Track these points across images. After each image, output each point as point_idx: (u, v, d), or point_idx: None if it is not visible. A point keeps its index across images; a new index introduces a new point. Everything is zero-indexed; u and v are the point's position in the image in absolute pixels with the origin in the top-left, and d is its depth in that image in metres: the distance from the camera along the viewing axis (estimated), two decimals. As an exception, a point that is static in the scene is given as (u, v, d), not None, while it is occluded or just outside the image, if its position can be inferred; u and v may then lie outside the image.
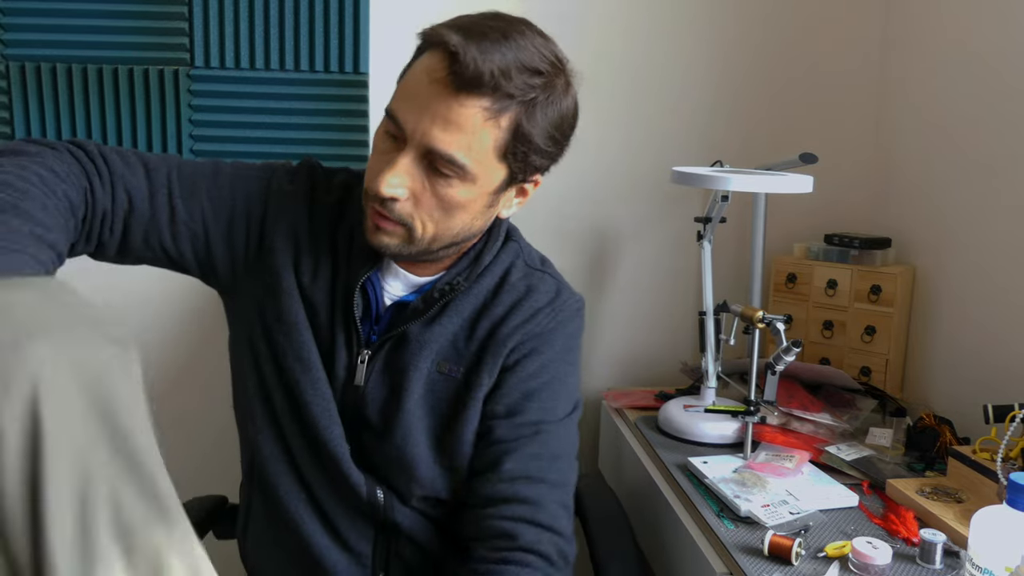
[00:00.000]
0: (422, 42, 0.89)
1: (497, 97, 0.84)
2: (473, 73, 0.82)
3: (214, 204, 0.95)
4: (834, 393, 1.48)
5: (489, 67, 0.82)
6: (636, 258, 1.71)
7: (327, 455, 0.96)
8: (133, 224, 0.90)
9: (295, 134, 1.53)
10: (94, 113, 1.48)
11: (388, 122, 0.88)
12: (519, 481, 0.93)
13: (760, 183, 1.27)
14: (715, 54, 1.66)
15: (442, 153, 0.85)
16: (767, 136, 1.69)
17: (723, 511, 1.11)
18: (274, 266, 0.96)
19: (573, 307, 1.03)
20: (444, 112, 0.84)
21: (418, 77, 0.86)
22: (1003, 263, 1.35)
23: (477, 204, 0.91)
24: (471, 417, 0.97)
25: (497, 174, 0.90)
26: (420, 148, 0.85)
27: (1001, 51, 1.36)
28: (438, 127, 0.84)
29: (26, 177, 0.77)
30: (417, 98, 0.85)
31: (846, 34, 1.69)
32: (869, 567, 0.95)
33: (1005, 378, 1.33)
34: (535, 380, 0.98)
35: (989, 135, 1.39)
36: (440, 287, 0.97)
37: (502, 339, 0.97)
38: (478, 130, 0.85)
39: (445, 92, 0.83)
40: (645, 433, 1.40)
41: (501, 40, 0.84)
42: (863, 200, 1.74)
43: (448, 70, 0.83)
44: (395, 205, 0.87)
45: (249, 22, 1.49)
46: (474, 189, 0.89)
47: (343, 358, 0.96)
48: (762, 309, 1.25)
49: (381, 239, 0.90)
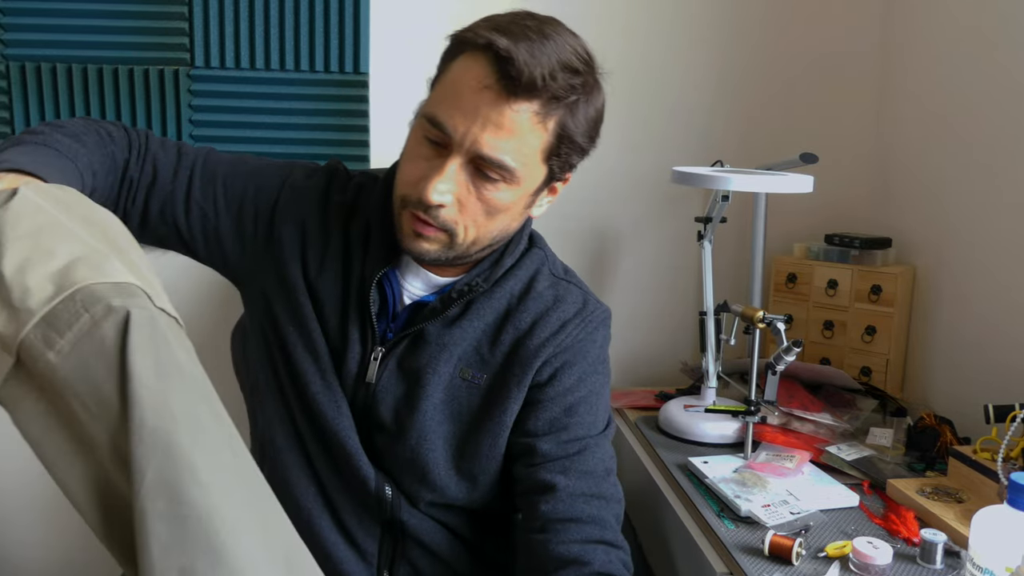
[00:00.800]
0: (456, 44, 0.89)
1: (545, 100, 0.84)
2: (527, 79, 0.82)
3: (227, 192, 0.97)
4: (834, 393, 1.48)
5: (540, 71, 0.82)
6: (636, 258, 1.71)
7: (337, 447, 0.95)
8: (153, 196, 0.94)
9: (295, 134, 1.53)
10: (94, 113, 1.48)
11: (429, 127, 0.86)
12: (579, 499, 0.93)
13: (760, 183, 1.27)
14: (715, 54, 1.66)
15: (493, 159, 0.85)
16: (767, 136, 1.69)
17: (723, 511, 1.11)
18: (281, 258, 0.97)
19: (600, 317, 1.02)
20: (496, 118, 0.83)
21: (464, 81, 0.85)
22: (1003, 263, 1.35)
23: (518, 206, 0.92)
24: (493, 428, 0.96)
25: (539, 175, 0.91)
26: (469, 154, 0.85)
27: (1002, 50, 1.36)
28: (489, 132, 0.84)
29: (89, 130, 0.88)
30: (464, 103, 0.84)
31: (846, 34, 1.69)
32: (870, 567, 0.95)
33: (1006, 378, 1.33)
34: (573, 395, 0.97)
35: (990, 135, 1.39)
36: (459, 287, 0.96)
37: (532, 351, 0.96)
38: (527, 133, 0.85)
39: (496, 97, 0.83)
40: (645, 433, 1.40)
41: (543, 41, 0.84)
42: (863, 200, 1.73)
43: (498, 75, 0.82)
44: (440, 211, 0.87)
45: (249, 22, 1.49)
46: (518, 191, 0.89)
47: (356, 353, 0.96)
48: (762, 309, 1.25)
49: (421, 246, 0.90)
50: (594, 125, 0.91)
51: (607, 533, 0.93)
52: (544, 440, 0.95)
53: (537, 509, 0.93)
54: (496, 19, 0.87)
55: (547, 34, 0.85)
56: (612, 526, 0.94)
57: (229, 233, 0.98)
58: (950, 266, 1.49)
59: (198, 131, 1.50)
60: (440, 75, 0.90)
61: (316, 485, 0.97)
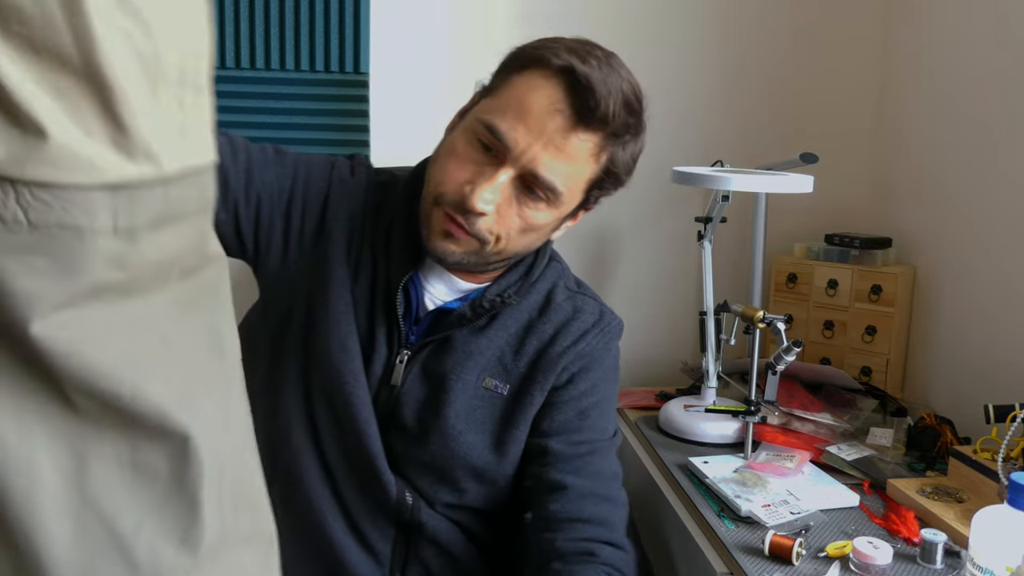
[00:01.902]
0: (524, 58, 0.88)
1: (607, 134, 0.87)
2: (602, 112, 0.84)
3: (279, 179, 0.96)
4: (835, 393, 1.47)
5: (612, 107, 0.84)
6: (636, 258, 1.71)
7: (360, 451, 0.95)
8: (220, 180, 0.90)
9: (295, 134, 1.53)
10: (94, 113, 1.48)
11: (486, 133, 0.86)
12: (588, 500, 0.94)
13: (760, 183, 1.27)
14: (715, 53, 1.66)
15: (546, 181, 0.86)
16: (767, 136, 1.69)
17: (724, 511, 1.11)
18: (329, 253, 0.96)
19: (616, 329, 1.05)
20: (560, 142, 0.84)
21: (534, 98, 0.85)
22: (1004, 263, 1.35)
23: (550, 227, 0.94)
24: (520, 436, 0.97)
25: (575, 202, 0.93)
26: (523, 169, 0.85)
27: (1003, 51, 1.36)
28: (550, 154, 0.85)
29: None
30: (530, 120, 0.84)
31: (846, 34, 1.69)
32: (870, 567, 0.95)
33: (1006, 378, 1.33)
34: (587, 399, 0.99)
35: (990, 135, 1.39)
36: (491, 298, 0.96)
37: (553, 359, 0.97)
38: (582, 163, 0.87)
39: (566, 123, 0.84)
40: (646, 433, 1.40)
41: (611, 74, 0.85)
42: (863, 200, 1.73)
43: (573, 101, 0.83)
44: (479, 220, 0.87)
45: (249, 22, 1.49)
46: (555, 214, 0.91)
47: (382, 355, 0.96)
48: (763, 309, 1.25)
49: (448, 247, 0.90)
50: (634, 163, 0.94)
51: (614, 535, 0.95)
52: (556, 440, 0.97)
53: (547, 508, 0.95)
54: (567, 42, 0.88)
55: (614, 67, 0.86)
56: (619, 529, 0.96)
57: (278, 221, 0.96)
58: (950, 266, 1.48)
59: (198, 131, 1.50)
60: (501, 85, 0.89)
61: (331, 487, 0.97)
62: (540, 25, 1.59)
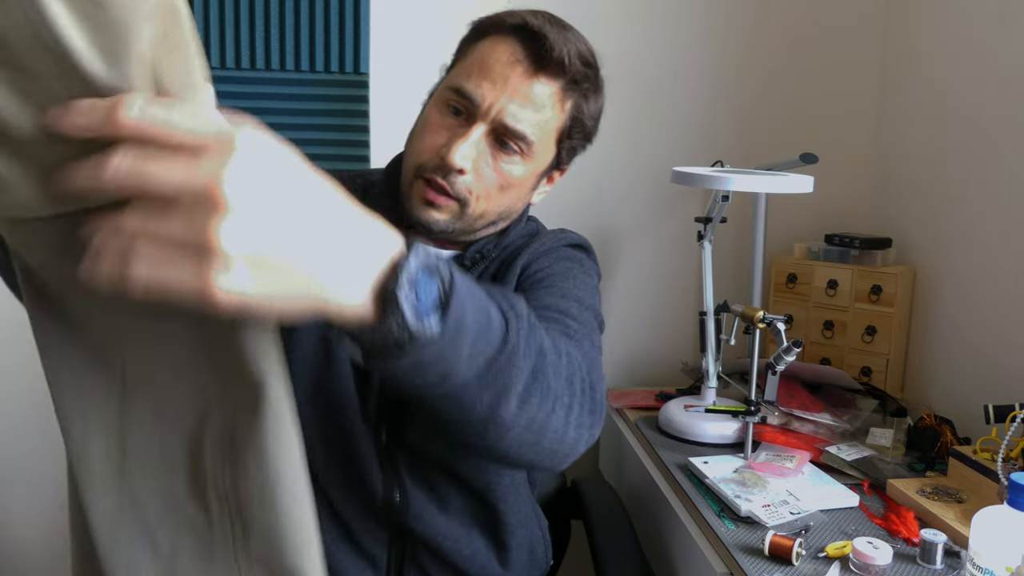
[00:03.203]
0: (480, 28, 0.94)
1: (567, 81, 0.90)
2: (557, 56, 0.88)
3: None
4: (835, 393, 1.48)
5: (567, 51, 0.89)
6: (636, 258, 1.71)
7: (348, 452, 0.94)
8: None
9: (295, 134, 1.53)
10: (94, 113, 1.48)
11: (454, 96, 0.90)
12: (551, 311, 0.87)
13: (760, 183, 1.27)
14: (715, 54, 1.66)
15: (515, 130, 0.89)
16: (767, 136, 1.69)
17: (724, 511, 1.11)
18: None
19: (574, 235, 1.06)
20: (524, 90, 0.88)
21: (493, 56, 0.90)
22: (1003, 263, 1.35)
23: (527, 184, 0.95)
24: None
25: (550, 155, 0.95)
26: (494, 123, 0.89)
27: (1003, 50, 1.36)
28: (516, 104, 0.88)
29: None
30: (494, 75, 0.89)
31: (846, 34, 1.69)
32: (870, 567, 0.95)
33: (1006, 378, 1.33)
34: (542, 272, 0.95)
35: (990, 135, 1.39)
36: (471, 256, 0.98)
37: (515, 268, 0.98)
38: (548, 110, 0.91)
39: (525, 71, 0.89)
40: (646, 433, 1.40)
41: (564, 31, 0.91)
42: (863, 200, 1.74)
43: (529, 51, 0.88)
44: (459, 178, 0.89)
45: (249, 22, 1.49)
46: (530, 168, 0.93)
47: None
48: (762, 309, 1.25)
49: (432, 215, 0.91)
50: (598, 118, 0.98)
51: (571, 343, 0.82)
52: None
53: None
54: (521, 12, 0.93)
55: (566, 27, 0.93)
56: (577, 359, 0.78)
57: None
58: (950, 266, 1.49)
59: (198, 131, 1.50)
60: (462, 56, 0.94)
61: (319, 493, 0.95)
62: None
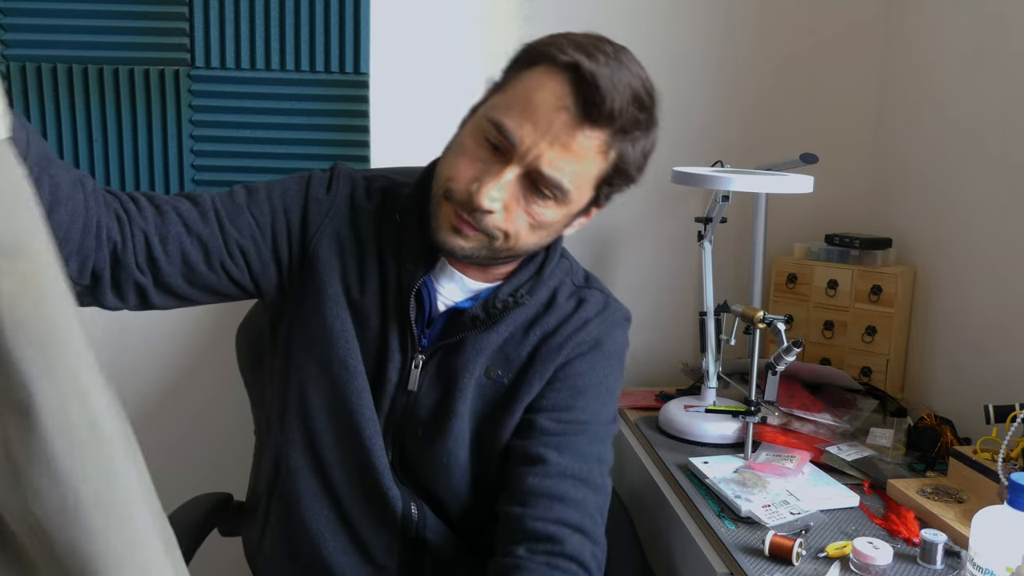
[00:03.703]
0: (531, 54, 0.88)
1: (614, 131, 0.85)
2: (607, 109, 0.82)
3: (257, 220, 0.94)
4: (835, 393, 1.47)
5: (619, 103, 0.83)
6: (636, 258, 1.71)
7: (366, 468, 0.94)
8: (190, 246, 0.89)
9: (295, 134, 1.53)
10: (94, 113, 1.48)
11: (493, 130, 0.85)
12: (567, 480, 0.92)
13: (760, 183, 1.27)
14: (715, 53, 1.66)
15: (551, 178, 0.85)
16: (767, 136, 1.69)
17: (724, 511, 1.11)
18: (319, 273, 0.95)
19: (620, 317, 1.04)
20: (565, 139, 0.83)
21: (540, 95, 0.84)
22: (1004, 263, 1.35)
23: (559, 224, 0.92)
24: (510, 422, 0.96)
25: (587, 199, 0.91)
26: (530, 168, 0.85)
27: (1003, 50, 1.36)
28: (556, 152, 0.84)
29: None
30: (537, 117, 0.83)
31: (847, 34, 1.69)
32: (870, 567, 0.95)
33: (1006, 378, 1.33)
34: (583, 379, 0.98)
35: (990, 135, 1.39)
36: (503, 299, 0.96)
37: (555, 348, 0.97)
38: (589, 160, 0.86)
39: (571, 120, 0.83)
40: (646, 433, 1.40)
41: (620, 69, 0.84)
42: (863, 200, 1.73)
43: (579, 98, 0.82)
44: (486, 217, 0.86)
45: (249, 22, 1.49)
46: (563, 211, 0.90)
47: (396, 362, 0.95)
48: (763, 309, 1.25)
49: (457, 241, 0.89)
50: (646, 159, 0.93)
51: (587, 522, 0.92)
52: (545, 416, 0.96)
53: (523, 481, 0.92)
54: (575, 38, 0.87)
55: (623, 62, 0.85)
56: (593, 517, 0.93)
57: (269, 260, 0.96)
58: (950, 266, 1.49)
59: (198, 131, 1.50)
60: (509, 81, 0.89)
61: (333, 507, 0.96)
62: (541, 25, 1.59)
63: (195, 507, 1.17)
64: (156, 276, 0.88)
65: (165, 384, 1.63)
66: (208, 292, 0.93)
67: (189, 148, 1.51)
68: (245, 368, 1.23)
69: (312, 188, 0.98)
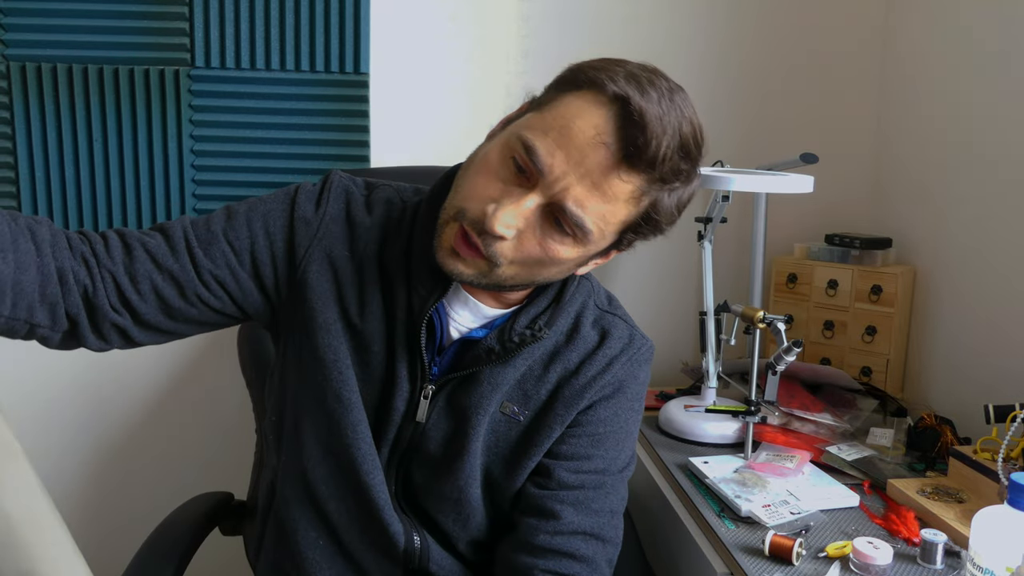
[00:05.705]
0: (578, 77, 0.79)
1: (653, 179, 0.78)
2: (650, 153, 0.75)
3: (234, 247, 0.88)
4: (835, 393, 1.48)
5: (664, 149, 0.76)
6: (636, 258, 1.70)
7: (365, 503, 0.90)
8: (162, 282, 0.84)
9: (295, 134, 1.53)
10: (94, 113, 1.48)
11: (521, 151, 0.77)
12: (578, 537, 0.91)
13: (760, 183, 1.27)
14: (716, 54, 1.66)
15: (574, 215, 0.77)
16: (767, 136, 1.69)
17: (724, 511, 1.11)
18: (308, 300, 0.88)
19: (645, 355, 0.98)
20: (598, 177, 0.76)
21: (579, 125, 0.76)
22: (1003, 263, 1.35)
23: (572, 263, 0.85)
24: (528, 464, 0.93)
25: (605, 243, 0.84)
26: (553, 200, 0.77)
27: (1003, 50, 1.36)
28: (584, 188, 0.76)
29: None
30: (572, 148, 0.76)
31: (846, 34, 1.69)
32: (870, 567, 0.95)
33: (1006, 378, 1.33)
34: (604, 427, 0.94)
35: (989, 135, 1.39)
36: (520, 331, 0.89)
37: (578, 391, 0.92)
38: (619, 203, 0.78)
39: (608, 158, 0.75)
40: (646, 433, 1.40)
41: (670, 110, 0.77)
42: (863, 200, 1.73)
43: (620, 135, 0.75)
44: (495, 243, 0.79)
45: (249, 22, 1.49)
46: (580, 251, 0.82)
47: (404, 391, 0.89)
48: (763, 309, 1.25)
49: (456, 265, 0.82)
50: (679, 212, 0.85)
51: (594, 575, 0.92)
52: (563, 467, 0.93)
53: (535, 533, 0.91)
54: (630, 68, 0.80)
55: (676, 103, 0.79)
56: (602, 570, 0.92)
57: (251, 288, 0.89)
58: (950, 266, 1.49)
59: (198, 131, 1.50)
60: (550, 101, 0.80)
61: (329, 538, 0.93)
62: (541, 25, 1.60)
63: (195, 507, 1.17)
64: (133, 316, 0.84)
65: (165, 384, 1.63)
66: (194, 324, 0.88)
67: (189, 148, 1.51)
68: (247, 368, 1.23)
69: (299, 207, 0.91)
